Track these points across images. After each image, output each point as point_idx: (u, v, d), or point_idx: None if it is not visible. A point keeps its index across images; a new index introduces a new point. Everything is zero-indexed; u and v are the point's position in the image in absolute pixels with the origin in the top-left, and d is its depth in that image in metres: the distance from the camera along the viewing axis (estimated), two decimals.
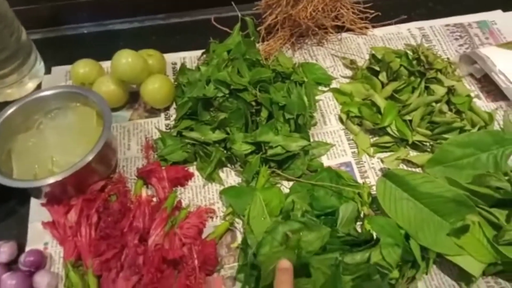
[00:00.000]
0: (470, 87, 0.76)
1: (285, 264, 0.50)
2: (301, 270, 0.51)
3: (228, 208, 0.62)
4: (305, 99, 0.66)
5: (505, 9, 0.88)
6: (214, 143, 0.65)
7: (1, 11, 0.65)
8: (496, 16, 0.87)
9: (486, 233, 0.55)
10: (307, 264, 0.51)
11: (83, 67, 0.72)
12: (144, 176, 0.63)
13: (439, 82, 0.71)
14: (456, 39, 0.84)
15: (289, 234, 0.53)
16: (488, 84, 0.76)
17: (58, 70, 0.79)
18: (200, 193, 0.64)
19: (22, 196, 0.63)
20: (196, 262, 0.54)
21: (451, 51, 0.82)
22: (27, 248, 0.59)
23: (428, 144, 0.67)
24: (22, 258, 0.56)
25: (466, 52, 0.78)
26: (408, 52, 0.75)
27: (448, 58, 0.79)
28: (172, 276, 0.54)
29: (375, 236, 0.55)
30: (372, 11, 0.84)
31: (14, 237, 0.59)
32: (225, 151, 0.65)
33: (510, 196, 0.55)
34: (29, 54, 0.73)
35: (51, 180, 0.55)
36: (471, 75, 0.77)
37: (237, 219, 0.61)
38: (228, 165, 0.67)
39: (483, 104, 0.74)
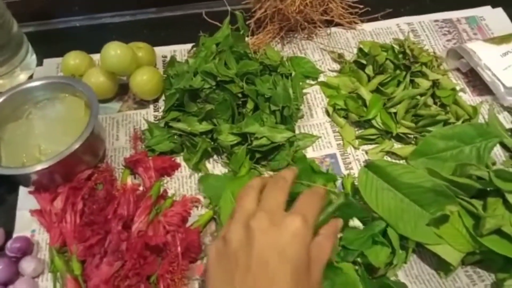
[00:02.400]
0: (456, 81, 0.76)
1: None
2: None
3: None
4: (291, 91, 0.67)
5: (494, 5, 0.88)
6: (201, 134, 0.66)
7: None
8: (485, 12, 0.88)
9: (465, 222, 0.55)
10: None
11: (74, 58, 0.72)
12: (131, 165, 0.64)
13: (424, 75, 0.71)
14: (445, 34, 0.84)
15: None
16: (474, 79, 0.76)
17: (50, 62, 0.80)
18: (186, 183, 0.65)
19: (11, 185, 0.64)
20: (179, 249, 0.55)
21: (439, 46, 0.82)
22: (15, 235, 0.60)
23: (412, 136, 0.68)
24: (8, 244, 0.57)
25: (453, 47, 0.78)
26: (394, 46, 0.76)
27: (434, 52, 0.79)
28: (155, 262, 0.55)
29: None
30: (361, 6, 0.85)
31: (2, 225, 0.60)
32: (211, 142, 0.66)
33: (489, 186, 0.56)
34: (20, 46, 0.74)
35: (38, 167, 0.56)
36: (458, 69, 0.78)
37: None
38: (215, 156, 0.68)
39: (468, 98, 0.74)
